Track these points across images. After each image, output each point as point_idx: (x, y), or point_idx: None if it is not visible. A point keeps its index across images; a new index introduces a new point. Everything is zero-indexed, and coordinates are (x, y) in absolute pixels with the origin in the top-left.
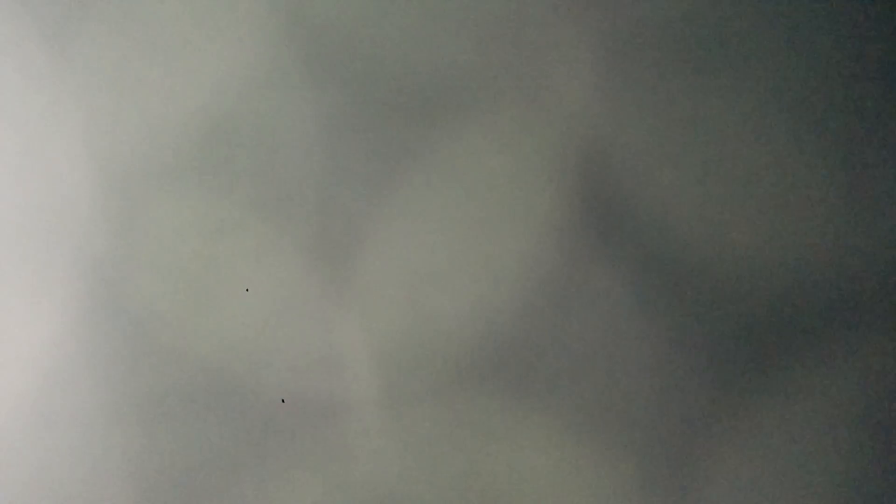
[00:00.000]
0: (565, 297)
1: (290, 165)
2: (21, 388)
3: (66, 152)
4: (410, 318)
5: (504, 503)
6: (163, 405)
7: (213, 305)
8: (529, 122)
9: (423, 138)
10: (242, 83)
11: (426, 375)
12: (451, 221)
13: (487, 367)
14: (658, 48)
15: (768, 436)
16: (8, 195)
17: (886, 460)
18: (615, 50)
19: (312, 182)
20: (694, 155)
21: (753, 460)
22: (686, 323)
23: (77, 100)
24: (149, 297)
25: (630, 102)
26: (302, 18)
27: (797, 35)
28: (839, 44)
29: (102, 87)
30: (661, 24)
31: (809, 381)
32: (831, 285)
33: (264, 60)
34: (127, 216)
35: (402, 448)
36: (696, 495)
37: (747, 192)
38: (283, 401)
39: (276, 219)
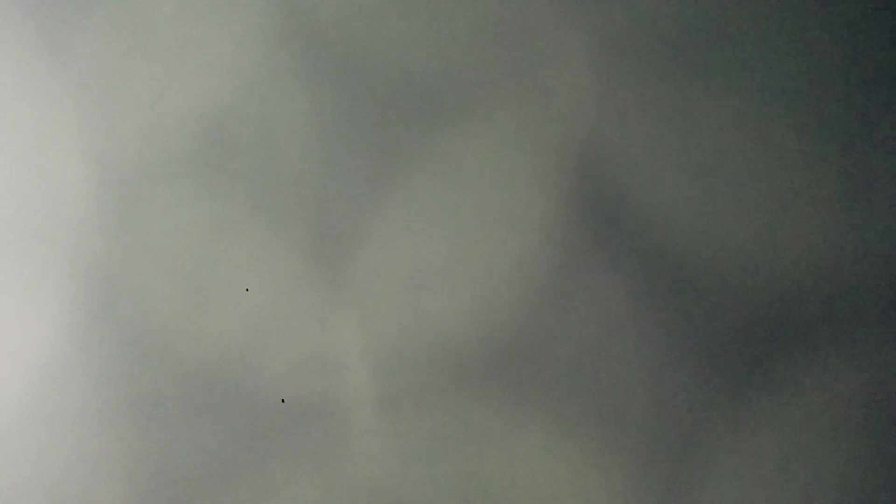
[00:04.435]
0: (564, 298)
1: (288, 165)
2: (17, 390)
3: (63, 152)
4: (408, 318)
5: (501, 503)
6: (160, 406)
7: (210, 306)
8: (527, 122)
9: (420, 138)
10: (240, 83)
11: (424, 376)
12: (449, 221)
13: (485, 368)
14: (657, 48)
15: (768, 436)
16: (4, 195)
17: (886, 460)
18: (614, 50)
19: (310, 182)
20: (693, 155)
21: (753, 460)
22: (685, 323)
23: (74, 100)
24: (146, 298)
25: (628, 102)
26: (300, 18)
27: (797, 35)
28: (839, 44)
29: (99, 86)
30: (659, 23)
31: (809, 381)
32: (831, 285)
33: (262, 60)
34: (124, 216)
35: (399, 448)
36: (695, 495)
37: (747, 192)
38: (283, 401)
39: (274, 219)
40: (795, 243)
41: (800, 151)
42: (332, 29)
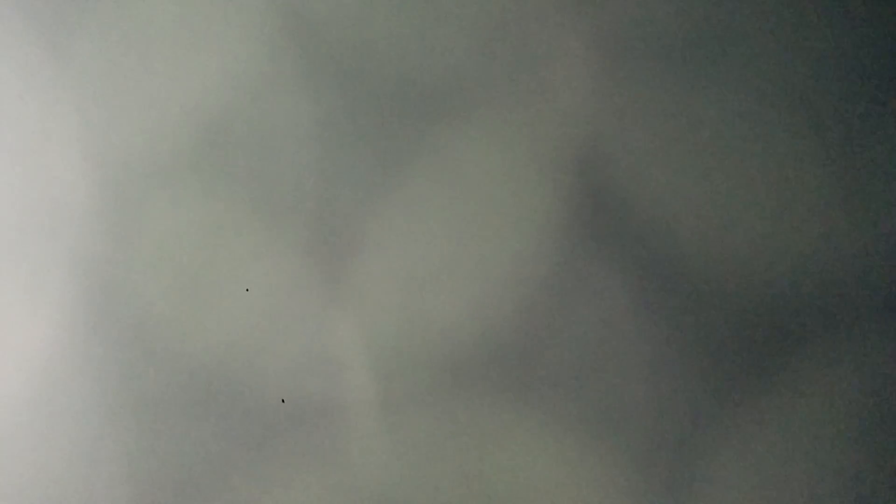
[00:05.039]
0: (563, 298)
1: (288, 166)
2: (18, 389)
3: (63, 153)
4: (408, 318)
5: None
6: (160, 406)
7: (210, 306)
8: (527, 123)
9: (420, 138)
10: (240, 83)
11: (424, 376)
12: (448, 222)
13: (485, 368)
14: (656, 48)
15: (768, 436)
16: (5, 196)
17: (886, 460)
18: (613, 50)
19: (310, 182)
20: (692, 155)
21: (753, 460)
22: (684, 323)
23: (74, 101)
24: (146, 298)
25: (628, 102)
26: (300, 18)
27: (797, 35)
28: (839, 44)
29: (99, 87)
30: (659, 23)
31: (809, 381)
32: (831, 285)
33: (262, 60)
34: (124, 217)
35: (399, 448)
36: (696, 495)
37: (746, 192)
38: (283, 401)
39: (274, 219)
40: (795, 243)
41: (800, 151)
42: (332, 29)
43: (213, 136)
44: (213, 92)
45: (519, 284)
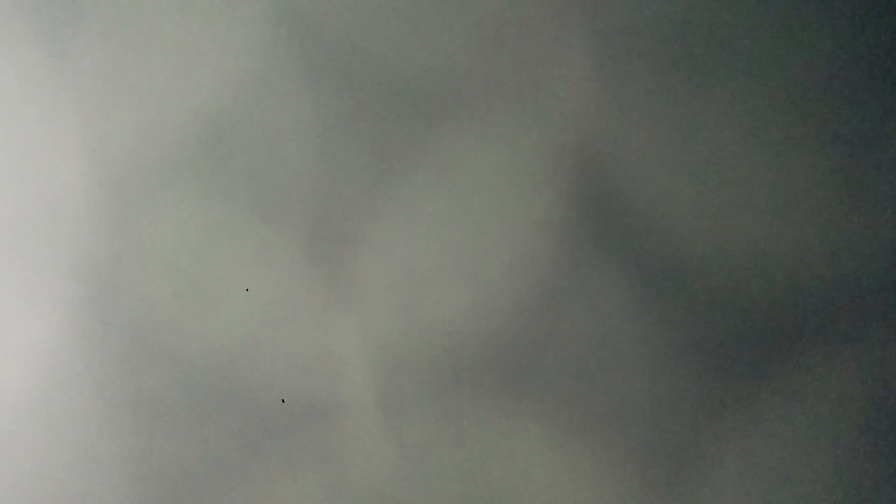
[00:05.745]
0: (563, 298)
1: (288, 166)
2: (18, 390)
3: (63, 153)
4: (408, 319)
5: None
6: (160, 406)
7: (210, 306)
8: (527, 123)
9: (420, 139)
10: (240, 83)
11: (424, 377)
12: (448, 222)
13: (485, 369)
14: (656, 48)
15: (768, 436)
16: (4, 196)
17: (886, 460)
18: (613, 50)
19: (310, 183)
20: (692, 155)
21: (753, 460)
22: (684, 323)
23: (74, 100)
24: (146, 298)
25: (628, 102)
26: (300, 18)
27: (797, 35)
28: (839, 44)
29: (99, 87)
30: (658, 23)
31: (809, 382)
32: (831, 285)
33: (262, 60)
34: (124, 217)
35: (399, 449)
36: (696, 495)
37: (746, 192)
38: (283, 401)
39: (274, 219)
40: (795, 243)
41: (800, 151)
42: (332, 29)
43: (213, 136)
44: (213, 92)
45: (519, 284)
